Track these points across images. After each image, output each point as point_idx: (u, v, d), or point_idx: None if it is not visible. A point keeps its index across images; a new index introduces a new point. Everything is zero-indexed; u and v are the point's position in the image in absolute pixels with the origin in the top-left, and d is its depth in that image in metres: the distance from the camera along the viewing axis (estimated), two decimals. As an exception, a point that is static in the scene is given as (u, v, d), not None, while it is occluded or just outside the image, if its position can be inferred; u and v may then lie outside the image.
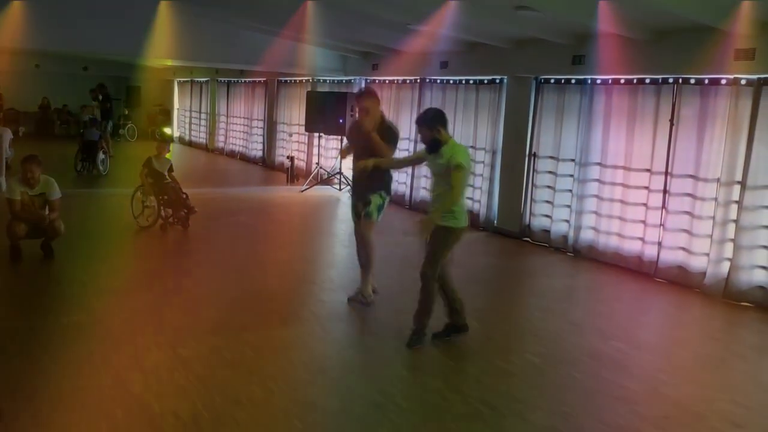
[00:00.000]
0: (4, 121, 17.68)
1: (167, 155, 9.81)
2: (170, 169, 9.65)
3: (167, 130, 24.05)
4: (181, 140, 24.34)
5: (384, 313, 6.44)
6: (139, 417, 4.21)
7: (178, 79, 24.81)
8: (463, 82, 11.35)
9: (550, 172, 9.81)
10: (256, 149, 19.04)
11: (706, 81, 7.75)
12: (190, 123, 24.02)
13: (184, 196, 9.54)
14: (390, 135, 6.41)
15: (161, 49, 12.32)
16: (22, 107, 22.85)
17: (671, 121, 8.11)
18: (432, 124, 5.59)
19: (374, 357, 5.64)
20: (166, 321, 5.96)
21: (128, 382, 4.67)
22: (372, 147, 6.24)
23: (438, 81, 11.91)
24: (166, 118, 25.37)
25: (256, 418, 4.30)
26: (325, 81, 15.71)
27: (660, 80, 8.25)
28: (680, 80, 8.02)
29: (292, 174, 15.60)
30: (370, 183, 6.38)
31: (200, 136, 23.10)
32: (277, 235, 10.33)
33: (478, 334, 6.20)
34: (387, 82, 13.32)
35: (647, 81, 8.39)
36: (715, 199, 7.61)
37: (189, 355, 5.18)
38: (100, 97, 18.68)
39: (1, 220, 7.70)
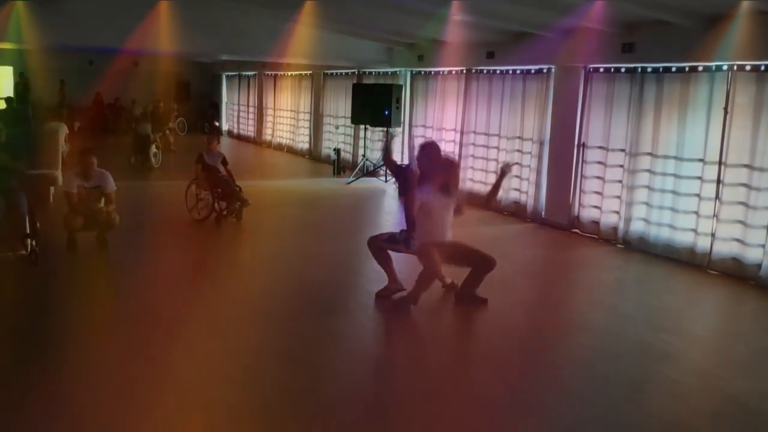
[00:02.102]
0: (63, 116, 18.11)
1: (218, 148, 9.95)
2: (224, 162, 9.80)
3: (216, 124, 24.41)
4: (229, 134, 24.69)
5: (430, 306, 6.44)
6: (191, 404, 4.32)
7: (227, 73, 25.17)
8: (510, 72, 11.24)
9: (599, 163, 9.64)
10: (303, 142, 19.19)
11: (762, 68, 7.53)
12: (238, 116, 24.37)
13: (238, 188, 9.69)
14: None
15: (208, 45, 12.43)
16: (76, 103, 23.44)
17: (725, 109, 7.90)
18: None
19: (422, 349, 5.66)
20: (217, 311, 6.08)
21: (180, 370, 4.79)
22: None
23: (484, 71, 11.82)
24: (215, 111, 25.76)
25: (303, 406, 4.36)
26: (371, 73, 15.74)
27: (713, 68, 8.04)
28: (735, 67, 7.81)
29: (339, 166, 15.70)
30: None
31: (248, 129, 23.41)
32: (324, 227, 10.41)
33: (526, 326, 6.18)
34: (433, 73, 13.28)
35: (700, 69, 8.19)
36: (772, 189, 7.41)
37: (239, 344, 5.28)
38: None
39: (59, 212, 7.94)
